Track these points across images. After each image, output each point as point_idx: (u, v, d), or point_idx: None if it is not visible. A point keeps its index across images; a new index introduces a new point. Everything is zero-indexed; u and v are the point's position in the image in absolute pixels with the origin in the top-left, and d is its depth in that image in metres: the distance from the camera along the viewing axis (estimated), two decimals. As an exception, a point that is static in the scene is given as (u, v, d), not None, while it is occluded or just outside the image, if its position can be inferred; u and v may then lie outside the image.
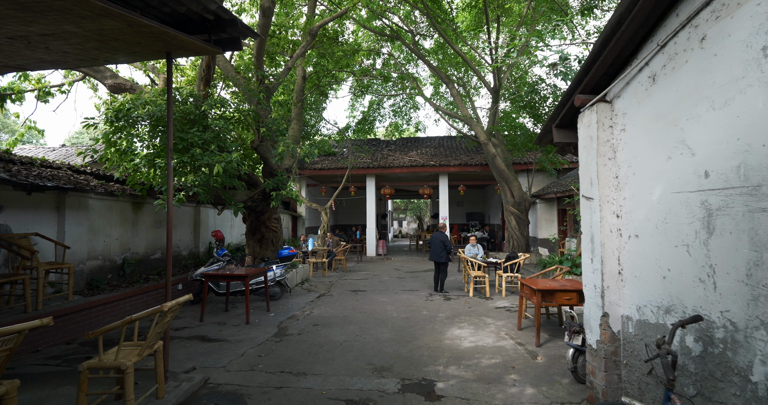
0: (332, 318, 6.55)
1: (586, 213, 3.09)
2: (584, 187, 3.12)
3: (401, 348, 5.03)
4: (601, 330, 2.92)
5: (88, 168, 7.04)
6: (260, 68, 7.89)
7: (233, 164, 6.64)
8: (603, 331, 2.90)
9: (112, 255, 7.36)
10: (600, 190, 2.93)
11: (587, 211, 3.08)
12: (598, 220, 2.93)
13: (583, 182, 3.12)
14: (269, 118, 7.65)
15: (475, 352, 4.86)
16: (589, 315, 3.09)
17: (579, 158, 3.18)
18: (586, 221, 3.09)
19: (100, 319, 5.88)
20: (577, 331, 3.93)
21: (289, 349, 5.04)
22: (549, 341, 5.30)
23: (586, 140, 3.11)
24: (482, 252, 9.78)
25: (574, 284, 5.33)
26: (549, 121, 3.58)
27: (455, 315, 6.70)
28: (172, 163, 3.90)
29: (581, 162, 3.15)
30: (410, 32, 15.05)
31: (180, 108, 6.58)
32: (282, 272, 7.99)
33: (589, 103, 3.04)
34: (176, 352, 4.94)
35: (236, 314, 6.87)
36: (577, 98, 3.10)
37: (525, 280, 5.67)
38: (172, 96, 4.00)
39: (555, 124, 3.52)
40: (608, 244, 2.90)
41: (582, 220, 3.13)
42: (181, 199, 6.22)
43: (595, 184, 2.97)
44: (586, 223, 3.09)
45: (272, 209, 9.05)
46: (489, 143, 13.96)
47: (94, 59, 4.01)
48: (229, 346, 5.15)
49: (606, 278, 2.89)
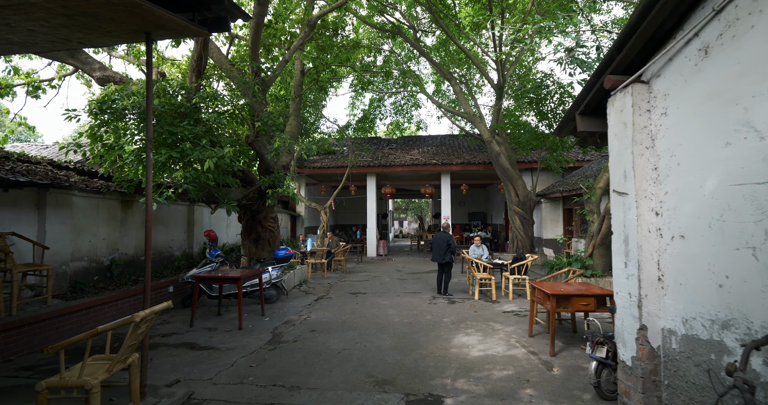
0: (330, 323, 6.16)
1: (619, 210, 2.71)
2: (616, 180, 2.73)
3: (404, 357, 4.64)
4: (637, 345, 2.54)
5: (72, 164, 6.65)
6: (255, 60, 7.51)
7: (226, 160, 6.26)
8: (640, 346, 2.52)
9: (99, 256, 6.98)
10: (636, 184, 2.54)
11: (620, 209, 2.70)
12: (633, 218, 2.55)
13: (615, 175, 2.73)
14: (264, 112, 7.27)
15: (485, 363, 4.48)
16: (622, 327, 2.70)
17: (609, 149, 2.80)
18: (618, 220, 2.71)
19: (82, 324, 5.49)
20: (600, 341, 3.54)
21: (283, 358, 4.65)
22: (563, 350, 4.91)
23: (618, 127, 2.72)
24: (487, 253, 9.40)
25: (590, 288, 4.95)
26: (572, 108, 3.20)
27: (461, 320, 6.32)
28: (152, 158, 3.51)
29: (612, 152, 2.76)
30: (412, 28, 14.66)
31: (169, 100, 6.20)
32: (278, 274, 7.61)
33: (622, 85, 2.66)
34: (161, 361, 4.55)
35: (229, 319, 6.49)
36: (608, 79, 2.71)
37: (537, 284, 5.28)
38: (152, 83, 3.62)
39: (579, 110, 3.14)
40: (646, 246, 2.52)
41: (613, 218, 2.75)
42: (170, 196, 5.83)
43: (630, 177, 2.58)
44: (618, 221, 2.70)
45: (269, 208, 8.66)
46: (493, 141, 13.57)
47: (66, 40, 3.62)
48: (219, 355, 4.76)
49: (643, 285, 2.50)
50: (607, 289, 4.82)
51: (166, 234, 8.85)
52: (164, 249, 8.78)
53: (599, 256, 8.64)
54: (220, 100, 6.83)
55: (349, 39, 11.36)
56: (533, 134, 13.48)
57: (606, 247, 8.57)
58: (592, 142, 3.50)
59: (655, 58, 2.47)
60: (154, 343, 5.25)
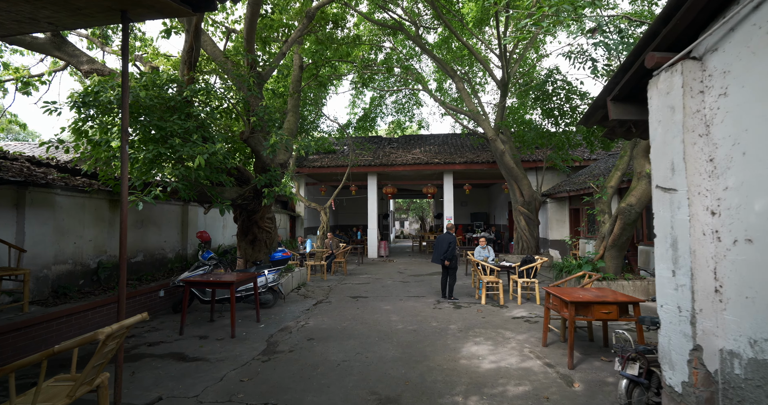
0: (330, 330, 5.77)
1: (664, 209, 2.32)
2: (660, 175, 2.35)
3: (410, 370, 4.25)
4: (690, 368, 2.15)
5: (54, 161, 6.27)
6: (251, 51, 7.12)
7: (218, 157, 5.88)
8: (693, 369, 2.13)
9: (85, 258, 6.59)
10: (688, 179, 2.16)
11: (665, 207, 2.31)
12: (684, 218, 2.16)
13: (659, 169, 2.35)
14: (260, 107, 6.88)
15: (498, 376, 4.09)
16: (668, 346, 2.31)
17: (651, 138, 2.41)
18: (663, 221, 2.32)
19: (62, 333, 5.11)
20: (632, 357, 3.15)
21: (278, 371, 4.26)
22: (582, 361, 4.52)
23: (662, 112, 2.33)
24: (493, 254, 9.01)
25: (610, 294, 4.56)
26: (602, 93, 2.81)
27: (469, 327, 5.93)
28: (127, 151, 3.13)
29: (655, 143, 2.38)
30: (413, 25, 14.28)
31: (159, 93, 5.82)
32: (275, 277, 7.22)
33: (669, 63, 2.27)
34: (143, 375, 4.16)
35: (222, 325, 6.10)
36: (650, 57, 2.33)
37: (553, 290, 4.89)
38: (127, 69, 3.23)
39: (611, 96, 2.75)
40: (700, 252, 2.13)
41: (657, 219, 2.36)
42: (158, 195, 5.44)
43: (679, 171, 2.20)
44: (663, 223, 2.32)
45: (265, 208, 8.28)
46: (497, 139, 13.19)
47: (33, 20, 3.24)
48: (208, 368, 4.38)
49: (697, 298, 2.12)
50: (631, 296, 4.44)
51: (158, 235, 8.46)
52: (156, 251, 8.39)
53: (611, 258, 8.26)
54: (213, 93, 6.46)
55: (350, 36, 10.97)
56: (538, 132, 13.10)
57: (618, 249, 8.19)
58: (621, 133, 3.11)
59: (713, 28, 2.08)
60: (139, 353, 4.86)
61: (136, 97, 5.43)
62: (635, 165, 8.01)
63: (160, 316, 6.75)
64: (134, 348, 5.07)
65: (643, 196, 7.68)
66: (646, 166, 7.79)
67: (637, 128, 2.88)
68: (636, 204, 7.69)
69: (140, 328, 5.99)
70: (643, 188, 7.68)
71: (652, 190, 2.41)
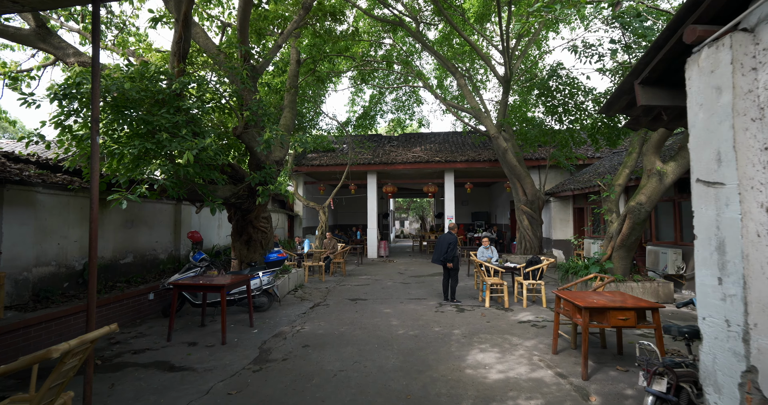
0: (326, 336, 5.46)
1: (708, 207, 2.01)
2: (702, 166, 2.04)
3: (412, 382, 3.94)
4: (741, 393, 1.84)
5: (34, 156, 5.95)
6: (245, 43, 6.80)
7: (209, 152, 5.55)
8: (747, 394, 1.82)
9: (70, 260, 6.27)
10: (739, 171, 1.85)
11: (709, 205, 2.00)
12: (734, 217, 1.85)
13: (700, 160, 2.04)
14: (253, 100, 6.56)
15: (507, 388, 3.77)
16: (713, 366, 2.00)
17: (690, 124, 2.10)
18: (707, 220, 2.01)
19: (42, 340, 4.79)
20: (659, 371, 2.84)
21: (270, 382, 3.95)
22: (597, 371, 4.21)
23: (706, 94, 2.02)
24: (497, 255, 8.70)
25: (631, 300, 4.24)
26: (629, 76, 2.50)
27: (473, 332, 5.62)
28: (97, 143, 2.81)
29: (695, 130, 2.07)
30: (414, 20, 13.96)
31: (146, 86, 5.50)
32: (269, 279, 6.91)
33: (714, 36, 1.95)
34: (124, 387, 3.85)
35: (213, 331, 5.79)
36: (691, 30, 2.01)
37: (564, 294, 4.58)
38: (98, 54, 2.92)
39: (640, 79, 2.44)
40: (754, 256, 1.82)
41: (698, 218, 2.05)
42: (144, 193, 5.12)
43: (728, 162, 1.89)
44: (707, 222, 2.01)
45: (260, 207, 7.96)
46: (499, 137, 12.87)
47: (-5, -3, 2.92)
48: (194, 379, 4.06)
49: (751, 311, 1.81)
50: (651, 302, 4.13)
51: (149, 235, 8.15)
52: (147, 252, 8.08)
53: (619, 259, 7.95)
54: (203, 85, 6.13)
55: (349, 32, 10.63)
56: (541, 130, 12.79)
57: (626, 250, 7.88)
58: (647, 122, 2.79)
59: (771, -6, 1.77)
60: (122, 362, 4.55)
61: (121, 88, 5.12)
62: (645, 162, 7.70)
63: (148, 320, 6.44)
64: (118, 356, 4.75)
65: (653, 195, 7.37)
66: (657, 163, 7.48)
67: (668, 115, 2.57)
68: (646, 202, 7.38)
69: (126, 333, 5.68)
70: (654, 186, 7.37)
71: (692, 184, 2.10)
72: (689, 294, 8.17)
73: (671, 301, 7.36)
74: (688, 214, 8.57)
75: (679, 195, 8.67)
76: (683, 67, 2.23)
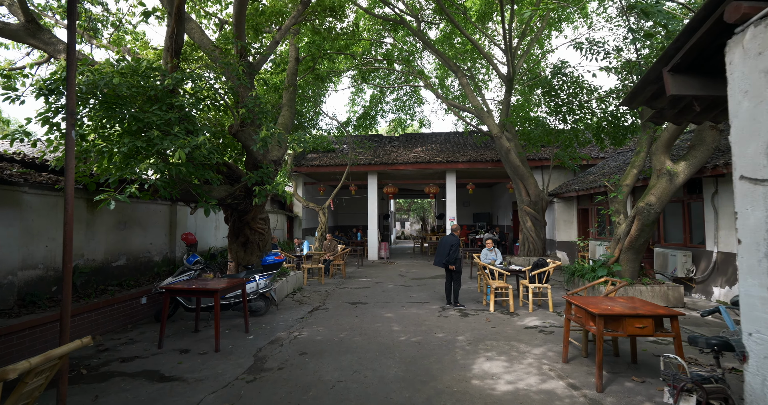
0: (325, 343, 5.22)
1: (754, 207, 1.77)
2: (747, 162, 1.80)
3: (415, 394, 3.70)
4: (798, 420, 1.60)
5: (19, 154, 5.72)
6: (241, 38, 6.57)
7: (202, 151, 5.33)
8: (805, 423, 1.58)
9: (58, 263, 6.03)
10: (793, 165, 1.61)
11: (756, 205, 1.76)
12: (788, 218, 1.62)
13: (745, 154, 1.81)
14: (250, 97, 6.33)
15: (517, 401, 3.53)
16: (762, 389, 1.76)
17: (732, 115, 1.87)
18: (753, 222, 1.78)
19: (24, 348, 4.55)
20: (687, 388, 2.60)
21: (263, 394, 3.71)
22: (611, 382, 3.97)
23: (751, 79, 1.79)
24: (501, 257, 8.46)
25: (648, 307, 4.00)
26: (656, 64, 2.26)
27: (478, 338, 5.37)
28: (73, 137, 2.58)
29: (738, 120, 1.83)
30: (415, 19, 13.75)
31: (136, 81, 5.27)
32: (266, 283, 6.67)
33: (762, 13, 1.72)
34: (108, 399, 3.61)
35: (207, 337, 5.55)
36: (734, 7, 1.78)
37: (575, 300, 4.34)
38: (74, 43, 2.69)
39: (670, 66, 2.20)
40: (812, 263, 1.58)
41: (742, 219, 1.82)
42: (134, 193, 4.89)
43: (779, 155, 1.65)
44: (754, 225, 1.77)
45: (257, 208, 7.72)
46: (502, 137, 12.64)
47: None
48: (183, 390, 3.82)
49: (810, 326, 1.57)
50: (671, 309, 3.88)
51: (143, 237, 7.91)
52: (141, 254, 7.84)
53: (627, 262, 7.70)
54: (200, 82, 5.91)
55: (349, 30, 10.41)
56: (545, 129, 12.57)
57: (635, 252, 7.63)
58: (672, 115, 2.56)
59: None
60: (109, 371, 4.31)
61: (110, 84, 4.89)
62: (654, 161, 7.46)
63: (141, 325, 6.20)
64: (105, 364, 4.51)
65: (663, 195, 7.13)
66: (667, 163, 7.24)
67: (700, 105, 2.33)
68: (656, 203, 7.14)
69: (116, 340, 5.45)
70: (664, 186, 7.14)
71: (734, 181, 1.87)
72: (699, 297, 7.92)
73: (681, 305, 7.11)
74: (697, 216, 8.32)
75: (689, 195, 8.43)
76: (719, 52, 1.99)
